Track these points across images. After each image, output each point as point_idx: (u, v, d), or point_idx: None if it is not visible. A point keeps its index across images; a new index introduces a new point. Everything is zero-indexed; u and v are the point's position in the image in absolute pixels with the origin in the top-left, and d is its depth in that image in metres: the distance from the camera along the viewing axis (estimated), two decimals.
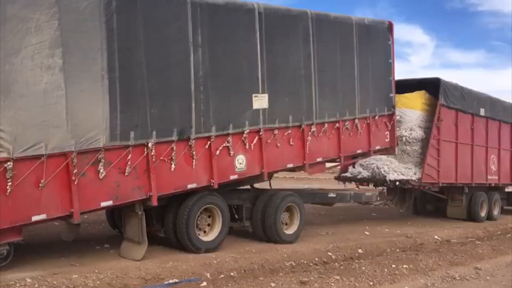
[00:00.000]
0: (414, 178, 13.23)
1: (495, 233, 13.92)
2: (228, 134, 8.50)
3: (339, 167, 13.59)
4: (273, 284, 6.54)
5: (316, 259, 8.83)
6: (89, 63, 6.85)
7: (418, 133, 13.77)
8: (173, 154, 7.68)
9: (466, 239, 12.33)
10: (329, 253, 9.30)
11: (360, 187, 15.10)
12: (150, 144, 7.39)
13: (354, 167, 14.18)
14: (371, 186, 14.95)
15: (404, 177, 13.21)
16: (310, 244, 9.69)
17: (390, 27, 12.20)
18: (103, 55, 6.94)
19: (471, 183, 15.20)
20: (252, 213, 9.59)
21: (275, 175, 10.39)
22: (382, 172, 13.38)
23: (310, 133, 9.97)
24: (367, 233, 11.80)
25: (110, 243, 8.63)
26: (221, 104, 8.44)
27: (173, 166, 7.68)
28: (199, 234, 8.34)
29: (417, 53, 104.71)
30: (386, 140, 12.27)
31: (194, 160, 7.97)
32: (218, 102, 8.38)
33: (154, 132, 7.46)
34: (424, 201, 16.68)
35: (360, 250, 9.88)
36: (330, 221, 13.81)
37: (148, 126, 7.41)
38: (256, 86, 9.02)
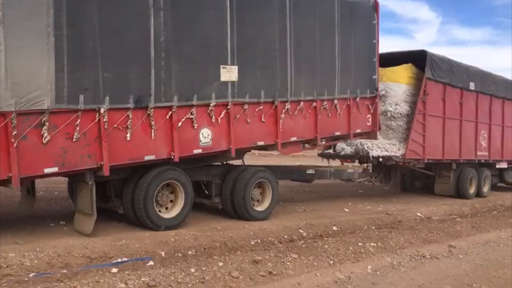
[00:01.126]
0: (397, 154, 12.73)
1: (481, 210, 13.51)
2: (192, 106, 7.92)
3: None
4: (220, 264, 5.98)
5: (285, 236, 8.37)
6: (32, 18, 6.25)
7: (404, 108, 13.21)
8: (128, 122, 7.11)
9: (449, 216, 11.91)
10: (300, 231, 8.83)
11: (345, 164, 14.68)
12: (102, 110, 6.82)
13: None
14: (357, 163, 14.57)
15: (388, 153, 12.72)
16: (282, 221, 9.22)
17: (375, 6, 11.54)
18: (49, 10, 6.33)
19: (459, 159, 14.72)
20: (222, 190, 9.11)
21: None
22: (366, 148, 12.86)
23: (284, 110, 9.38)
24: (347, 210, 11.34)
25: (68, 219, 8.02)
26: (184, 73, 7.84)
27: (128, 135, 7.11)
28: (160, 211, 7.83)
29: (422, 30, 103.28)
30: (368, 123, 11.69)
31: (152, 131, 7.40)
32: (181, 70, 7.77)
33: (107, 98, 6.88)
34: (413, 178, 16.34)
35: (334, 228, 9.42)
36: (312, 198, 13.36)
37: (100, 91, 6.83)
38: (224, 57, 8.41)
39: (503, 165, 17.33)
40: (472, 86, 15.08)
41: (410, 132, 12.85)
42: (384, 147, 12.91)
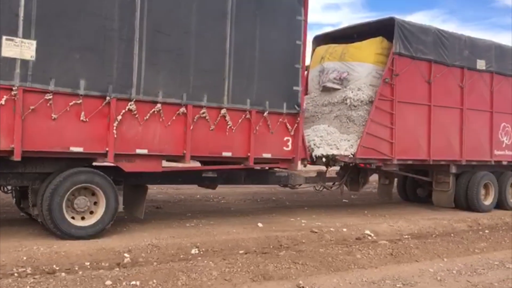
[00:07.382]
0: (347, 153, 9.76)
1: (481, 228, 10.12)
2: None
3: None
4: None
5: (86, 263, 6.12)
6: None
7: (365, 93, 10.17)
8: None
9: (404, 236, 8.73)
10: (126, 255, 6.52)
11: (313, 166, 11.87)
12: None
13: None
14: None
15: (337, 152, 9.81)
16: (113, 241, 6.91)
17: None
18: None
19: (459, 161, 11.27)
20: (37, 198, 7.10)
21: None
22: (312, 145, 10.05)
23: (124, 111, 7.17)
24: (261, 225, 8.68)
25: None
26: None
27: None
28: None
29: None
30: (286, 148, 8.84)
31: None
32: None
33: None
34: (414, 185, 13.05)
35: (194, 251, 6.98)
36: (250, 209, 10.85)
37: None
38: (12, 26, 6.37)
39: None
40: (481, 65, 11.55)
41: (366, 124, 9.85)
42: (335, 143, 10.02)
